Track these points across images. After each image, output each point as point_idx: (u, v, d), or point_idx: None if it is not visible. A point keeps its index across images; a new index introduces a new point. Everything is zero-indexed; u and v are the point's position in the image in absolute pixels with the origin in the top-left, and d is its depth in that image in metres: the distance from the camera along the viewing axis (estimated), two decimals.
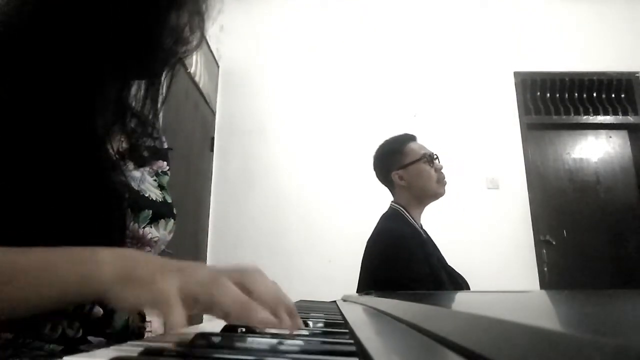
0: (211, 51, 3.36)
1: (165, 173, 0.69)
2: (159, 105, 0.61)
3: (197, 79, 3.03)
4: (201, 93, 3.16)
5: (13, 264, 0.39)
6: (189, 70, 2.84)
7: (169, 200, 0.65)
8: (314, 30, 3.72)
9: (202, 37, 0.60)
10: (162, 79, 0.61)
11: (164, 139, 0.73)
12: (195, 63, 2.99)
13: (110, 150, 0.58)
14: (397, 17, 3.75)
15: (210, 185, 3.39)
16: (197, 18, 0.59)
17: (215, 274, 0.37)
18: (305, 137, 3.47)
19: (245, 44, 3.68)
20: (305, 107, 3.55)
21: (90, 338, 0.52)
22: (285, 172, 3.39)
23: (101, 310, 0.54)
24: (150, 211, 0.59)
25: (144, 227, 0.58)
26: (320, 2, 3.78)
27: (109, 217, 0.52)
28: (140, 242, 0.58)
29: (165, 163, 0.70)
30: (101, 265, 0.38)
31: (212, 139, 3.47)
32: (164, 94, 0.61)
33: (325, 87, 3.59)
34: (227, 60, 3.62)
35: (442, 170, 1.58)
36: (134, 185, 0.59)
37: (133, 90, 0.60)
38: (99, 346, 0.51)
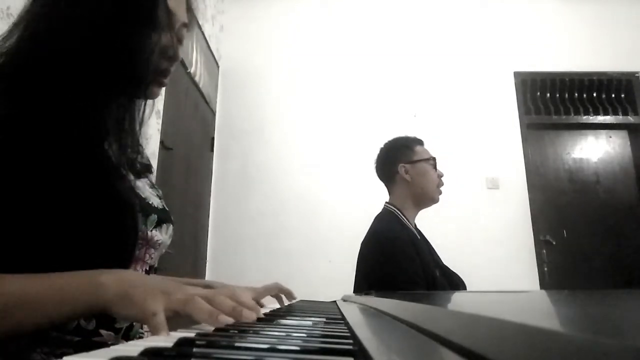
0: (211, 51, 3.36)
1: (155, 186, 0.75)
2: (140, 122, 0.68)
3: (197, 79, 3.03)
4: (201, 93, 3.16)
5: (25, 291, 0.46)
6: (189, 70, 2.84)
7: (167, 209, 0.72)
8: (314, 30, 3.72)
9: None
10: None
11: (145, 154, 0.78)
12: (195, 63, 2.99)
13: (115, 163, 0.64)
14: (397, 17, 3.75)
15: (210, 185, 3.39)
16: (182, 30, 0.66)
17: (191, 293, 0.47)
18: (305, 137, 3.48)
19: (245, 44, 3.68)
20: (306, 107, 3.55)
21: (102, 331, 0.58)
22: (285, 172, 3.39)
23: None
24: (156, 216, 0.66)
25: (151, 230, 0.64)
26: (320, 2, 3.78)
27: (123, 220, 0.58)
28: (148, 244, 0.64)
29: (152, 176, 0.77)
30: (104, 287, 0.46)
31: (212, 139, 3.47)
32: (144, 113, 0.68)
33: (325, 87, 3.59)
34: (227, 60, 3.63)
35: (442, 178, 1.64)
36: (140, 193, 0.66)
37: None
38: (109, 340, 0.58)
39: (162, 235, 0.67)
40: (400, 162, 1.61)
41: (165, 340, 0.32)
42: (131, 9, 0.58)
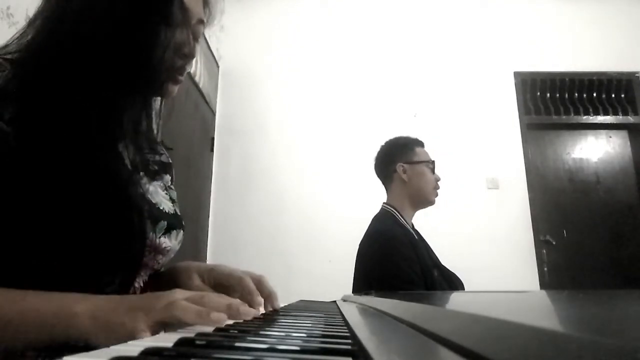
0: (211, 51, 3.36)
1: (171, 188, 0.73)
2: (158, 120, 0.68)
3: (197, 79, 3.03)
4: (201, 93, 3.16)
5: (5, 315, 0.45)
6: (188, 70, 2.84)
7: (179, 213, 0.70)
8: (314, 30, 3.72)
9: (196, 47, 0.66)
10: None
11: (168, 154, 0.77)
12: (195, 63, 2.99)
13: (128, 166, 0.62)
14: (397, 17, 3.75)
15: (210, 185, 3.39)
16: (199, 28, 0.64)
17: (171, 297, 0.45)
18: (305, 137, 3.48)
19: (245, 44, 3.68)
20: (306, 107, 3.55)
21: None
22: (285, 172, 3.39)
23: None
24: (165, 222, 0.64)
25: (159, 237, 0.62)
26: (320, 2, 3.78)
27: (131, 228, 0.56)
28: (156, 251, 0.63)
29: (170, 178, 0.74)
30: (78, 319, 0.45)
31: (212, 139, 3.47)
32: (162, 110, 0.68)
33: (326, 87, 3.59)
34: (227, 60, 3.63)
35: (439, 182, 1.65)
36: (150, 198, 0.64)
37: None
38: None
39: (171, 242, 0.65)
40: (399, 161, 1.62)
41: (165, 340, 0.32)
42: (144, 4, 0.57)
